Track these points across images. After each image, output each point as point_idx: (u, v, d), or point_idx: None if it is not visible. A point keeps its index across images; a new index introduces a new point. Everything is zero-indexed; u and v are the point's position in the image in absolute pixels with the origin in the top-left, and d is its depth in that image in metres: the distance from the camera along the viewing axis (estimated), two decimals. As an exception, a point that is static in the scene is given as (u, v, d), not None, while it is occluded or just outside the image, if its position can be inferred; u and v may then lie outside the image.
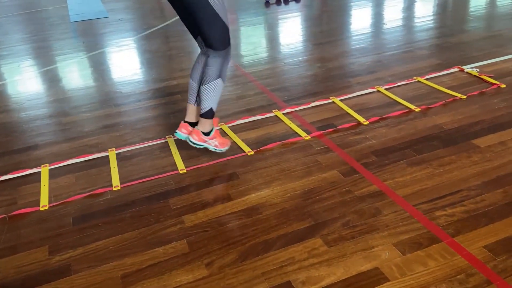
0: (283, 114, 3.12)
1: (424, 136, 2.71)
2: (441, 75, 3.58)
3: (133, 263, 1.92)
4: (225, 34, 2.36)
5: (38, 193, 2.45)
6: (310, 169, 2.47)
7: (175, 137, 2.59)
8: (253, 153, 2.67)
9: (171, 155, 2.72)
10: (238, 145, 2.77)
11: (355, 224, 2.04)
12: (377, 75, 3.69)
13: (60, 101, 3.71)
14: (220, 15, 2.29)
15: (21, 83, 4.24)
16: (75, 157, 2.77)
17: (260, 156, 2.64)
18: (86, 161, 2.73)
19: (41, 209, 2.32)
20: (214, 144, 2.57)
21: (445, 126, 2.81)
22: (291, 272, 1.81)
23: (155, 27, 5.85)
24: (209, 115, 2.49)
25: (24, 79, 4.33)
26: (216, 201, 2.28)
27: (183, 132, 2.61)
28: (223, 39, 2.37)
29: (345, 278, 1.76)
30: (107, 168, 2.64)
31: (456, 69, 3.65)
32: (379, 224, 2.02)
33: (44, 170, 2.65)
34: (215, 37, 2.34)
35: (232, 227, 2.08)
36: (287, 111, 3.16)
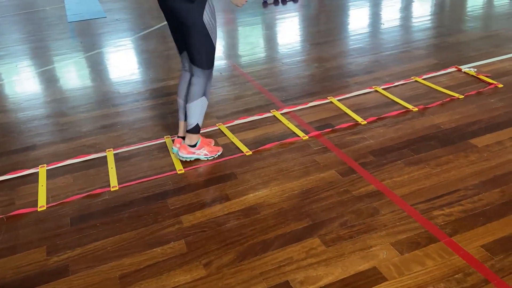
0: (281, 114, 3.12)
1: (421, 135, 2.72)
2: (438, 75, 3.58)
3: (131, 263, 1.92)
4: (211, 55, 2.45)
5: (36, 193, 2.45)
6: (308, 169, 2.48)
7: (175, 148, 2.66)
8: (251, 153, 2.67)
9: (169, 155, 2.72)
10: (236, 145, 2.77)
11: (353, 224, 2.04)
12: (374, 75, 3.70)
13: (57, 101, 3.71)
14: (211, 36, 2.38)
15: (18, 83, 4.23)
16: (73, 157, 2.77)
17: (258, 156, 2.65)
18: (84, 162, 2.73)
19: (39, 209, 2.32)
20: (203, 153, 2.63)
21: (443, 125, 2.81)
22: (289, 272, 1.81)
23: (152, 27, 5.84)
24: (195, 130, 2.58)
25: (21, 79, 4.32)
26: (214, 201, 2.28)
27: (176, 147, 2.68)
28: (210, 60, 2.46)
29: (343, 277, 1.76)
30: (105, 168, 2.64)
31: (453, 69, 3.66)
32: (377, 223, 2.03)
33: (42, 170, 2.65)
34: (203, 58, 2.42)
35: (230, 227, 2.09)
36: (285, 111, 3.16)
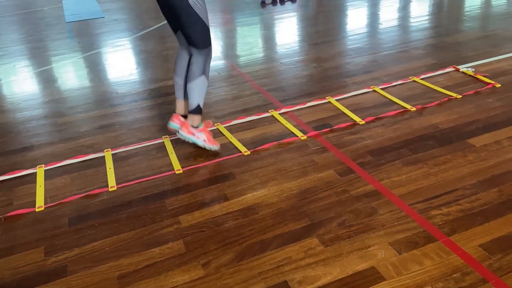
0: (279, 114, 3.12)
1: (419, 135, 2.72)
2: (436, 74, 3.59)
3: (129, 263, 1.92)
4: (206, 34, 2.52)
5: (33, 194, 2.45)
6: (306, 169, 2.48)
7: (171, 129, 2.70)
8: (249, 153, 2.67)
9: (167, 155, 2.72)
10: (234, 145, 2.77)
11: (351, 223, 2.04)
12: (372, 75, 3.70)
13: (55, 101, 3.70)
14: (201, 16, 2.44)
15: (16, 83, 4.23)
16: (71, 157, 2.77)
17: (256, 156, 2.65)
18: (82, 162, 2.73)
19: (37, 210, 2.31)
20: (202, 138, 2.64)
21: (441, 125, 2.82)
22: (287, 272, 1.81)
23: (150, 27, 5.84)
24: (197, 111, 2.61)
25: (19, 79, 4.31)
26: (212, 201, 2.28)
27: (176, 122, 2.71)
28: (205, 39, 2.53)
29: (341, 277, 1.76)
30: (103, 168, 2.63)
31: (451, 69, 3.66)
32: (375, 223, 2.03)
33: (39, 171, 2.65)
34: (197, 37, 2.50)
35: (228, 227, 2.09)
36: (283, 111, 3.16)
